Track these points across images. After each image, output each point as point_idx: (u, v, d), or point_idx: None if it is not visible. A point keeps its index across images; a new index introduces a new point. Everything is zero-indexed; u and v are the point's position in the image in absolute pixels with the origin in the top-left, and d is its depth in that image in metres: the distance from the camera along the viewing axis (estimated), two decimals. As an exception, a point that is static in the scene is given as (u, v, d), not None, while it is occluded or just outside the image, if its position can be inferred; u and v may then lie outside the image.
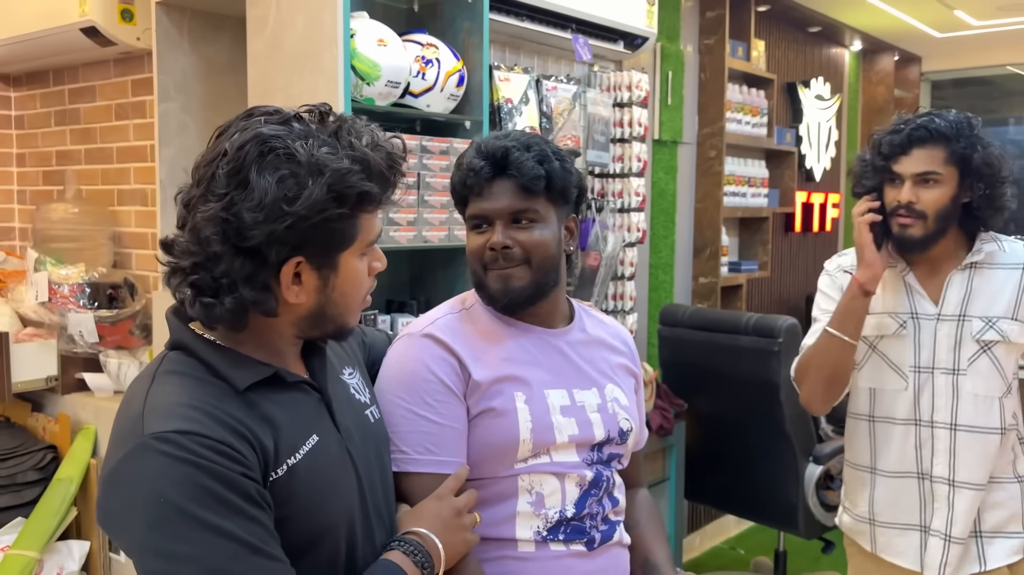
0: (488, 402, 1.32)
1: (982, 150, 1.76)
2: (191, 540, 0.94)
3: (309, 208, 1.00)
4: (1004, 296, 1.82)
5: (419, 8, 2.49)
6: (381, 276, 2.47)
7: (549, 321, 1.43)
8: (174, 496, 0.94)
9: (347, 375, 1.25)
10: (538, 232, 1.34)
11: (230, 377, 1.04)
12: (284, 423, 1.06)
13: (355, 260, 1.11)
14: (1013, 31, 4.89)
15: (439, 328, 1.36)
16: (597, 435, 1.39)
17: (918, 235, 1.80)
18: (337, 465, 1.12)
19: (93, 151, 3.20)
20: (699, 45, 3.92)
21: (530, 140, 1.36)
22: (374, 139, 1.09)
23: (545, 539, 1.33)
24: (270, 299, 1.04)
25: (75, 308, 2.81)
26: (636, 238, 3.23)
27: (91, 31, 2.80)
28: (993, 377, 1.83)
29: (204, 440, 0.96)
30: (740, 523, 4.36)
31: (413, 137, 2.25)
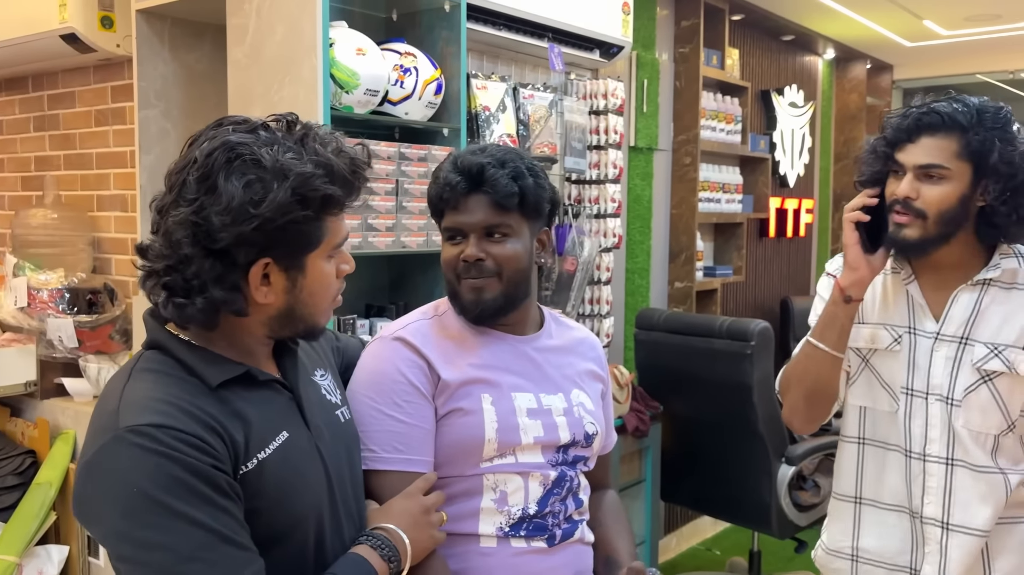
0: (456, 403, 1.37)
1: (1003, 145, 1.49)
2: (163, 529, 0.98)
3: (274, 210, 1.05)
4: (1017, 322, 1.56)
5: (398, 17, 2.53)
6: (360, 281, 2.54)
7: (519, 329, 1.47)
8: (147, 486, 0.98)
9: (319, 376, 1.29)
10: (510, 246, 1.39)
11: (203, 374, 1.09)
12: (255, 419, 1.10)
13: (322, 262, 1.14)
14: (982, 40, 4.99)
15: (410, 332, 1.41)
16: (562, 438, 1.43)
17: (914, 237, 1.54)
18: (307, 461, 1.16)
19: (72, 157, 3.21)
20: (674, 54, 3.98)
21: (505, 156, 1.40)
22: (338, 145, 1.13)
23: (507, 535, 1.38)
24: (239, 299, 1.09)
25: (54, 313, 2.82)
26: (612, 243, 3.28)
27: (71, 38, 2.82)
28: (991, 413, 1.57)
29: (176, 433, 1.01)
30: (716, 524, 4.41)
31: (392, 144, 2.28)
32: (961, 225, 1.54)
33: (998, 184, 1.50)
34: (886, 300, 1.67)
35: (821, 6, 4.24)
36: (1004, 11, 4.38)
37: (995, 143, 1.49)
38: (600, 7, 3.13)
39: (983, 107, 1.52)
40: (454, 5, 2.40)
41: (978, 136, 1.49)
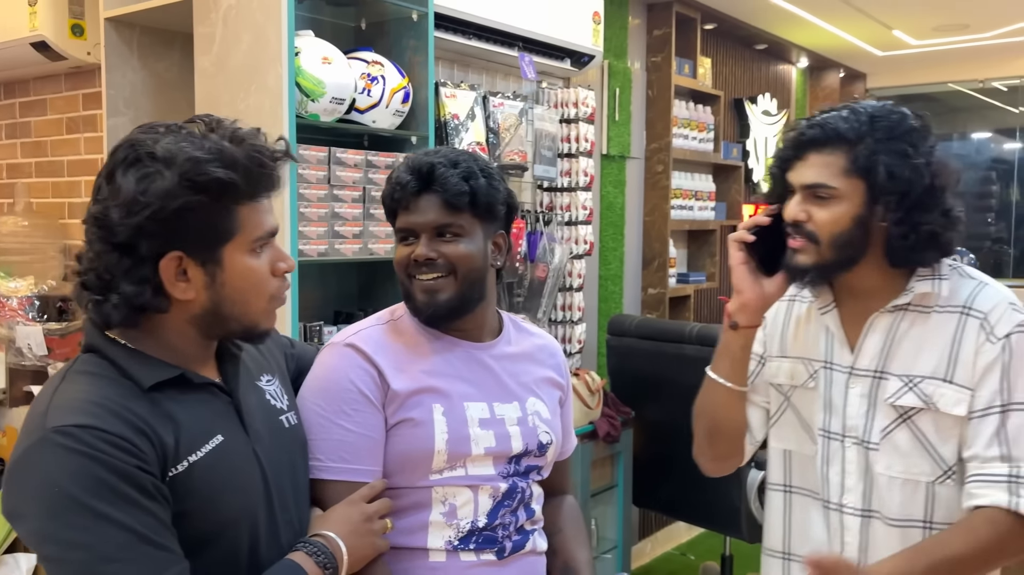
0: (406, 412, 1.35)
1: (891, 158, 1.30)
2: (84, 529, 0.99)
3: (161, 197, 1.05)
4: (934, 349, 1.36)
5: (366, 26, 2.55)
6: (329, 287, 2.55)
7: (476, 335, 1.46)
8: (70, 487, 0.99)
9: (264, 382, 1.28)
10: (463, 246, 1.37)
11: (136, 376, 1.09)
12: (186, 422, 1.10)
13: (243, 256, 1.13)
14: (952, 50, 5.07)
15: (362, 339, 1.39)
16: (515, 448, 1.42)
17: (807, 263, 1.37)
18: (242, 465, 1.16)
19: (44, 164, 3.21)
20: (646, 63, 4.02)
21: (458, 157, 1.39)
22: (239, 135, 1.12)
23: (456, 548, 1.36)
24: (147, 292, 1.08)
25: (24, 321, 2.82)
26: (584, 250, 3.31)
27: (41, 46, 2.83)
28: (917, 457, 1.37)
29: (102, 434, 1.01)
30: (691, 529, 4.44)
31: (359, 152, 2.30)
32: (864, 248, 1.36)
33: (890, 202, 1.32)
34: (807, 331, 1.49)
35: (792, 16, 4.30)
36: (971, 21, 4.46)
37: (881, 155, 1.31)
38: (570, 17, 3.16)
39: (878, 115, 1.34)
40: (422, 14, 2.42)
41: (865, 149, 1.32)
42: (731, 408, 1.51)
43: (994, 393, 1.33)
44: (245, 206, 1.12)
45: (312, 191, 2.18)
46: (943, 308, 1.37)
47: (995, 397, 1.33)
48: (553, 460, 1.52)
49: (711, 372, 1.50)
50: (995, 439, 1.32)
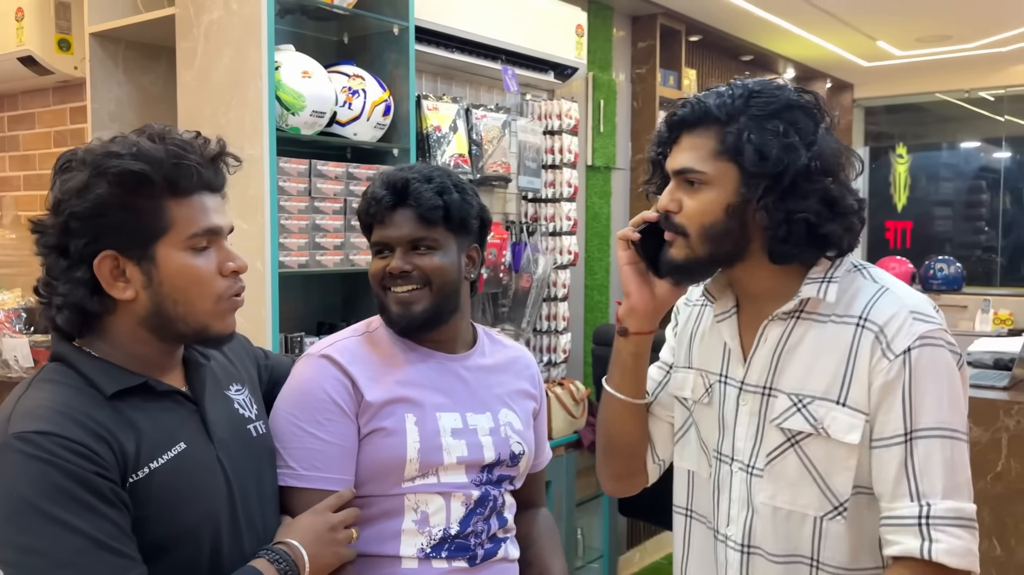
0: (379, 422, 1.37)
1: (760, 135, 1.14)
2: (41, 534, 1.01)
3: (77, 194, 1.08)
4: (828, 365, 1.18)
5: (349, 40, 2.58)
6: (312, 299, 2.57)
7: (450, 346, 1.48)
8: (28, 492, 1.02)
9: (233, 391, 1.30)
10: (436, 258, 1.40)
11: (99, 384, 1.11)
12: (148, 429, 1.12)
13: (178, 254, 1.14)
14: (937, 60, 5.11)
15: (337, 350, 1.41)
16: (487, 457, 1.44)
17: (678, 259, 1.22)
18: (204, 473, 1.17)
19: (32, 178, 3.24)
20: (631, 74, 4.05)
21: (432, 173, 1.42)
22: (160, 134, 1.15)
23: (428, 556, 1.38)
24: (82, 291, 1.10)
25: (10, 333, 2.83)
26: (568, 260, 3.34)
27: (28, 60, 2.86)
28: (804, 487, 1.20)
29: (61, 440, 1.03)
30: (680, 538, 4.45)
31: (339, 164, 2.33)
32: (745, 243, 1.19)
33: (760, 188, 1.15)
34: (709, 340, 1.34)
35: (777, 27, 4.34)
36: (953, 32, 4.50)
37: (751, 134, 1.14)
38: (553, 30, 3.20)
39: (756, 91, 1.18)
40: (403, 29, 2.45)
41: (736, 128, 1.15)
42: (626, 422, 1.37)
43: (896, 420, 1.14)
44: (175, 202, 1.13)
45: (293, 203, 2.20)
46: (840, 318, 1.19)
47: (897, 424, 1.13)
48: (526, 471, 1.54)
49: (605, 383, 1.37)
50: (902, 474, 1.13)
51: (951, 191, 6.68)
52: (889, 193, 6.52)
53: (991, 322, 4.87)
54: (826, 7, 4.01)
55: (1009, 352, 3.53)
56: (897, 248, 6.31)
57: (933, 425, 1.13)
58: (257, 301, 2.11)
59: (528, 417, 1.55)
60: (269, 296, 2.11)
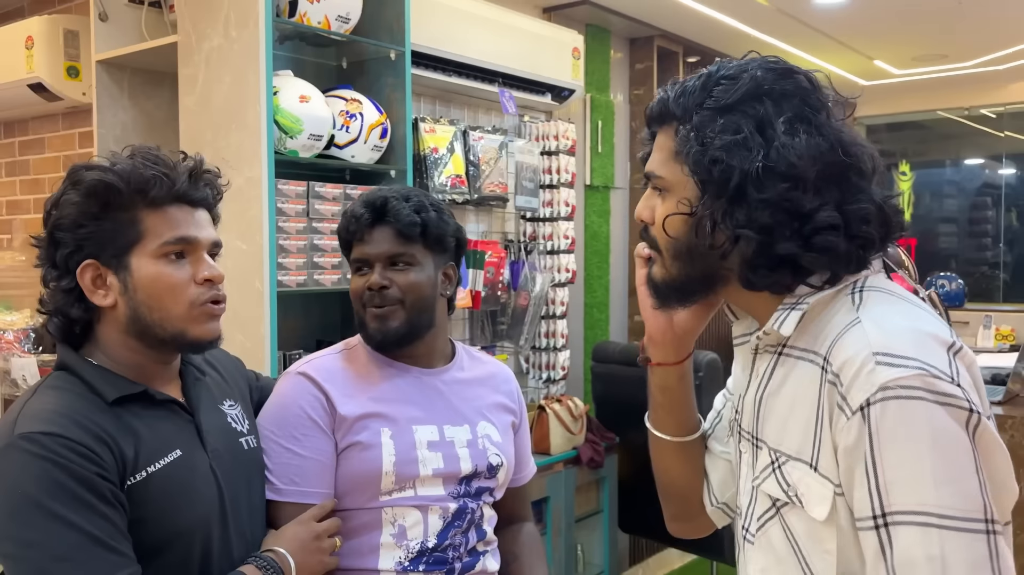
0: (354, 436, 1.41)
1: (706, 132, 0.95)
2: (41, 529, 1.07)
3: (56, 206, 1.18)
4: (800, 416, 0.96)
5: (347, 66, 2.65)
6: (311, 317, 2.62)
7: (427, 361, 1.52)
8: (31, 489, 1.07)
9: (227, 406, 1.36)
10: (413, 275, 1.45)
11: (101, 391, 1.17)
12: (147, 435, 1.18)
13: (150, 261, 1.19)
14: (936, 79, 5.15)
15: (314, 367, 1.46)
16: (464, 469, 1.47)
17: (656, 278, 1.05)
18: (198, 480, 1.22)
19: (41, 201, 3.29)
20: (629, 95, 4.12)
21: (410, 193, 1.48)
22: (140, 152, 1.23)
23: (406, 570, 1.41)
24: (70, 300, 1.19)
25: (19, 353, 2.90)
26: (567, 278, 3.38)
27: (38, 87, 2.94)
28: (791, 565, 0.97)
29: (65, 441, 1.09)
30: (684, 556, 4.46)
31: (337, 186, 2.39)
32: (713, 263, 0.99)
33: (706, 195, 0.96)
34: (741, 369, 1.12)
35: (774, 48, 4.39)
36: (949, 51, 4.55)
37: (704, 132, 0.95)
38: (550, 53, 3.27)
39: (721, 76, 0.98)
40: (399, 54, 2.52)
41: (688, 125, 0.97)
42: (668, 461, 1.20)
43: (863, 497, 0.87)
44: (149, 213, 1.20)
45: (291, 224, 2.26)
46: (812, 355, 0.95)
47: (864, 503, 0.87)
48: (505, 482, 1.57)
49: (646, 420, 1.22)
50: (880, 567, 0.86)
51: (955, 208, 6.70)
52: (893, 210, 6.53)
53: (993, 338, 4.88)
54: (822, 28, 4.06)
55: (1006, 367, 3.55)
56: (901, 265, 6.31)
57: (912, 508, 0.84)
58: (256, 319, 2.16)
59: (507, 429, 1.58)
60: (268, 314, 2.16)
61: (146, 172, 1.19)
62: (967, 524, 0.83)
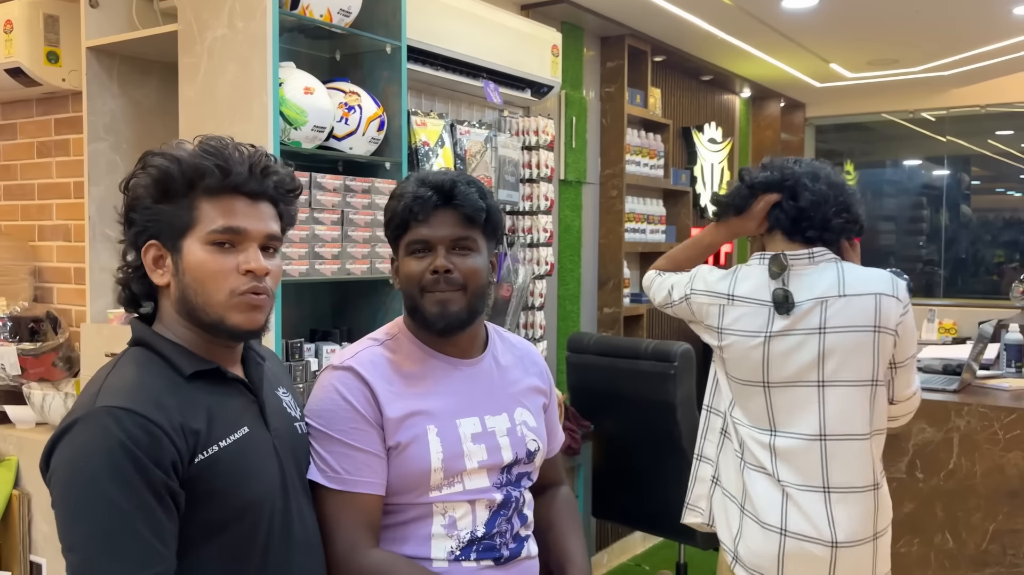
0: (401, 435, 1.43)
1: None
2: (91, 506, 1.11)
3: (130, 189, 1.27)
4: None
5: (341, 58, 2.67)
6: (305, 306, 2.64)
7: (468, 350, 1.53)
8: (95, 464, 1.12)
9: (282, 392, 1.41)
10: (473, 260, 1.45)
11: (179, 366, 1.24)
12: (218, 412, 1.24)
13: (199, 247, 1.24)
14: (884, 83, 5.38)
15: (359, 362, 1.46)
16: (505, 458, 1.50)
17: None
18: (264, 456, 1.28)
19: (13, 187, 3.25)
20: (600, 92, 4.21)
21: (470, 178, 1.49)
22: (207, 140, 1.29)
23: (457, 558, 1.44)
24: (136, 275, 1.29)
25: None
26: (545, 271, 3.46)
27: (16, 72, 2.89)
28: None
29: (142, 420, 1.14)
30: (645, 540, 4.59)
31: (337, 177, 2.42)
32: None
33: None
34: None
35: (736, 49, 4.54)
36: (900, 56, 4.75)
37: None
38: (531, 49, 3.33)
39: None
40: (395, 47, 2.55)
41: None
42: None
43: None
44: (205, 200, 1.24)
45: (294, 214, 2.29)
46: None
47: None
48: (540, 464, 1.60)
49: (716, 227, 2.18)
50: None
51: (894, 207, 6.97)
52: (837, 208, 6.77)
53: (936, 331, 5.12)
54: (784, 30, 4.22)
55: (956, 359, 3.75)
56: (844, 261, 6.55)
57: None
58: (261, 308, 2.18)
59: (539, 411, 1.61)
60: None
61: (203, 162, 1.24)
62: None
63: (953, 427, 3.23)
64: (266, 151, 1.32)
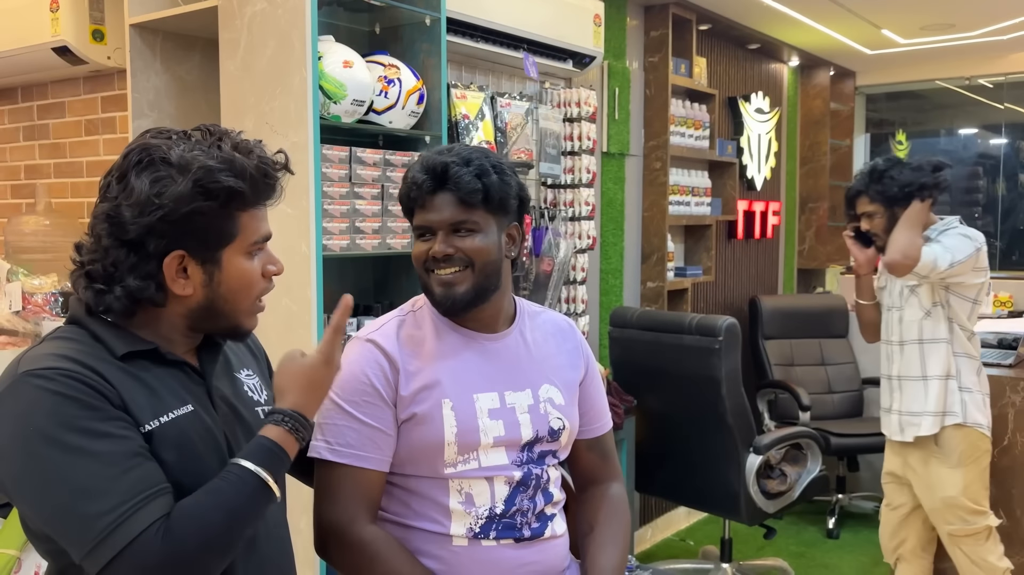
0: (416, 407, 1.42)
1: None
2: (58, 463, 1.05)
3: (175, 201, 1.13)
4: None
5: (380, 31, 2.66)
6: (347, 281, 2.66)
7: (491, 325, 1.51)
8: (43, 423, 1.05)
9: (244, 375, 1.35)
10: (478, 240, 1.43)
11: (111, 344, 1.15)
12: (159, 387, 1.17)
13: (240, 258, 1.21)
14: (938, 48, 5.20)
15: (381, 335, 1.46)
16: (524, 435, 1.47)
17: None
18: (209, 439, 1.21)
19: (62, 165, 3.31)
20: (644, 62, 4.14)
21: (471, 155, 1.44)
22: (246, 147, 1.21)
23: (476, 536, 1.43)
24: (151, 287, 1.16)
25: (49, 316, 2.91)
26: (587, 245, 3.43)
27: (63, 50, 2.93)
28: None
29: (73, 372, 1.08)
30: (690, 516, 4.57)
31: (377, 151, 2.41)
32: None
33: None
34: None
35: (784, 16, 4.42)
36: (957, 20, 4.59)
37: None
38: (572, 19, 3.28)
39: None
40: (434, 19, 2.53)
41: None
42: (869, 312, 3.00)
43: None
44: (246, 212, 1.21)
45: (335, 189, 2.29)
46: None
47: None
48: (569, 444, 1.56)
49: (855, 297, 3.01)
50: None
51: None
52: (889, 179, 6.61)
53: (992, 304, 4.98)
54: (834, -4, 4.09)
55: (1012, 332, 3.64)
56: (896, 233, 6.41)
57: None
58: (303, 284, 2.19)
59: (572, 389, 1.57)
60: (314, 278, 2.19)
61: (267, 181, 1.22)
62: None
63: (1008, 402, 3.14)
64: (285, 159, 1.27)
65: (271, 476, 1.15)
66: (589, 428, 1.61)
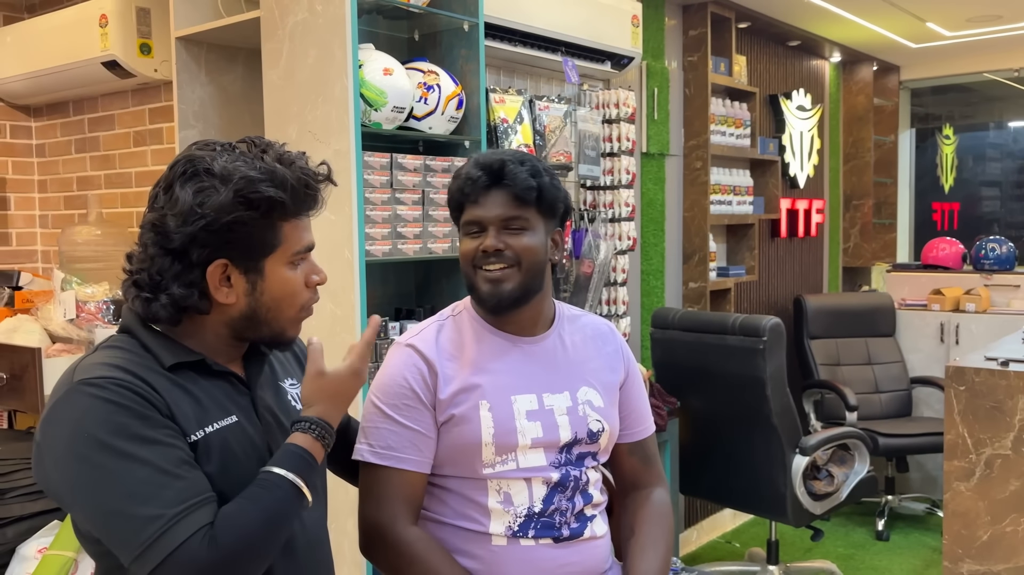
0: (454, 409, 1.45)
1: None
2: (109, 469, 1.08)
3: (217, 211, 1.16)
4: None
5: (419, 38, 2.68)
6: (390, 286, 2.68)
7: (530, 328, 1.53)
8: (96, 430, 1.09)
9: (288, 384, 1.38)
10: (527, 238, 1.46)
11: (159, 355, 1.19)
12: (204, 399, 1.20)
13: (283, 268, 1.24)
14: (985, 40, 5.09)
15: (421, 340, 1.50)
16: (563, 437, 1.48)
17: None
18: (252, 451, 1.24)
19: (112, 176, 3.39)
20: (683, 62, 4.12)
21: (524, 156, 1.49)
22: (288, 158, 1.24)
23: (515, 535, 1.45)
24: (194, 294, 1.19)
25: (101, 324, 2.99)
26: (627, 246, 3.42)
27: (112, 64, 3.00)
28: None
29: (125, 381, 1.12)
30: (735, 518, 4.53)
31: (417, 157, 2.44)
32: None
33: None
34: None
35: (825, 12, 4.37)
36: (1004, 11, 4.49)
37: None
38: (610, 20, 3.28)
39: None
40: (472, 25, 2.55)
41: None
42: None
43: None
44: (289, 222, 1.24)
45: (376, 195, 2.31)
46: None
47: None
48: (609, 446, 1.56)
49: None
50: None
51: (999, 171, 6.64)
52: (936, 175, 6.50)
53: (1044, 301, 4.86)
54: (876, -10, 4.03)
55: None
56: (944, 230, 6.30)
57: None
58: (347, 288, 2.23)
59: (612, 391, 1.57)
60: (357, 283, 2.22)
61: (308, 191, 1.25)
62: None
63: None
64: (323, 162, 1.30)
65: (303, 481, 1.18)
66: (630, 432, 1.61)
